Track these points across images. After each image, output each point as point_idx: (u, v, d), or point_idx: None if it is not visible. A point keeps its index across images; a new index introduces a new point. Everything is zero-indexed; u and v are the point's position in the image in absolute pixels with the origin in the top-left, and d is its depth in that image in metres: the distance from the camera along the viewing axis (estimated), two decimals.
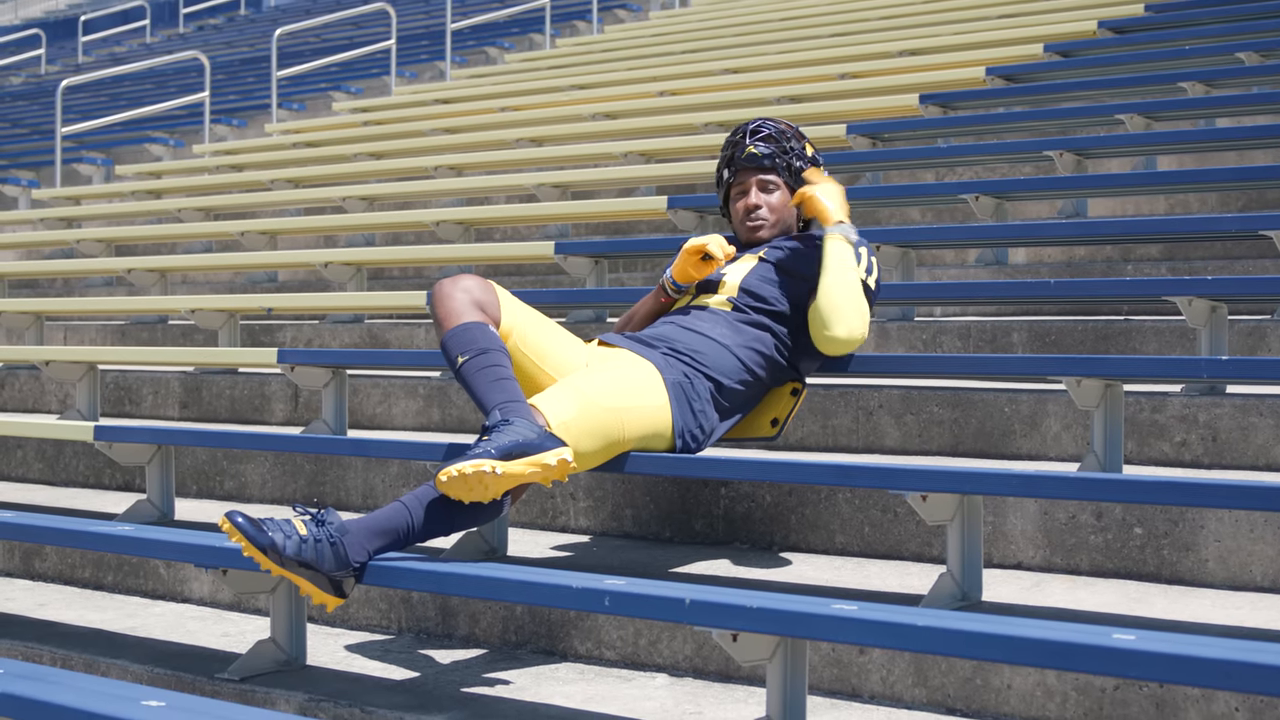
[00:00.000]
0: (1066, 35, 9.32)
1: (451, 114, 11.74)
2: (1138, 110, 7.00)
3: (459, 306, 3.71)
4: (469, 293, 3.74)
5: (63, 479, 6.11)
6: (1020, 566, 3.86)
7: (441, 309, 3.72)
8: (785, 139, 4.14)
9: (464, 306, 3.71)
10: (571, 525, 4.58)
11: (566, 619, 3.75)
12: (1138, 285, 5.13)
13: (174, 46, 21.65)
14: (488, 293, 3.78)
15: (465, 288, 3.75)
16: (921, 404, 4.69)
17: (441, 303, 3.73)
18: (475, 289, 3.76)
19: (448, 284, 3.76)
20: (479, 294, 3.76)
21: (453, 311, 3.71)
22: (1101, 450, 3.95)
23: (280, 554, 3.31)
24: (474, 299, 3.74)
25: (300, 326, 7.45)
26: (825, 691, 3.36)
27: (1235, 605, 3.45)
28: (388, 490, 4.97)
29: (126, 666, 3.85)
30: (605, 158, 8.96)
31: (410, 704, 3.37)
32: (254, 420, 6.41)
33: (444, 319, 3.71)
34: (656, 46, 13.00)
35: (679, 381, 3.78)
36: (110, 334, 8.35)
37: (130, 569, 4.74)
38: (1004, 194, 6.24)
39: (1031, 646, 2.57)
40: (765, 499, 4.22)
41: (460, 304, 3.72)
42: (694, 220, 6.87)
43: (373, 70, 15.54)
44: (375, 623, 4.10)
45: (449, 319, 3.70)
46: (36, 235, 10.27)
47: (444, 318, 3.71)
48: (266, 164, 11.25)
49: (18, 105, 18.83)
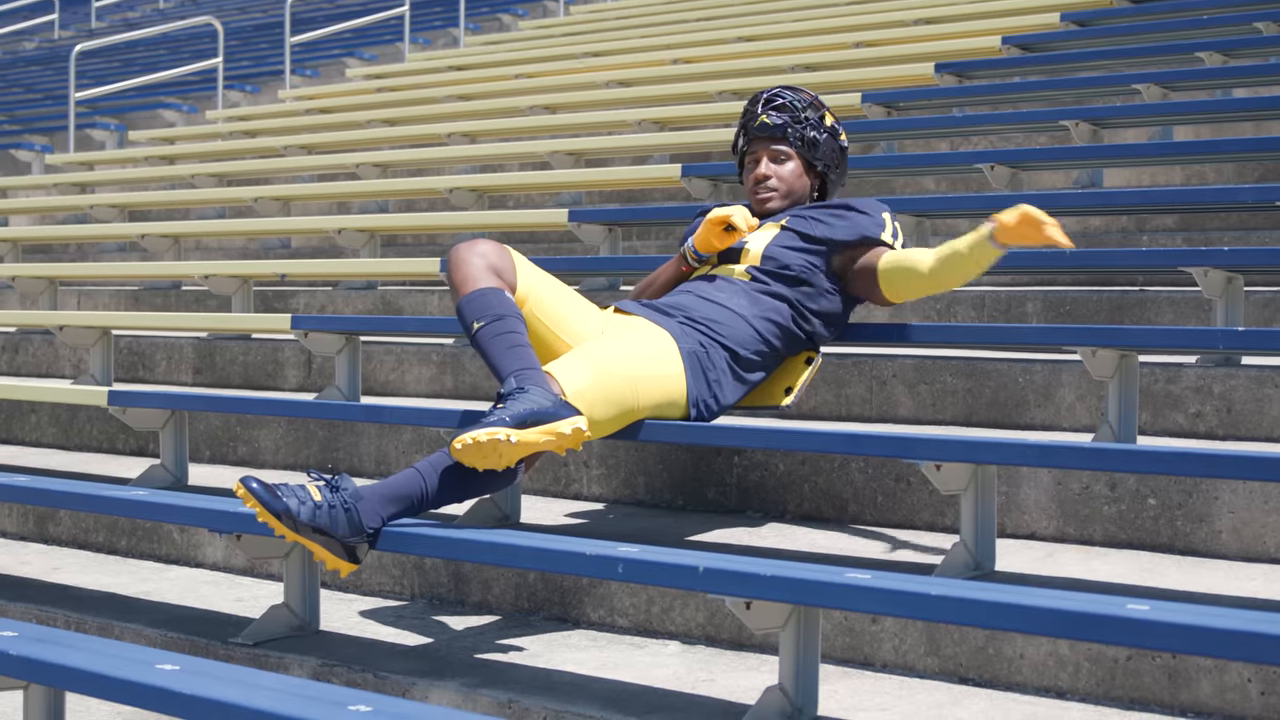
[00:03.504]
0: (1083, 4, 9.26)
1: (465, 81, 11.71)
2: (1154, 80, 6.96)
3: (475, 272, 3.70)
4: (485, 258, 3.73)
5: (76, 444, 6.12)
6: (1033, 537, 3.86)
7: (457, 274, 3.71)
8: (800, 108, 4.11)
9: (480, 272, 3.70)
10: (585, 493, 4.58)
11: (579, 586, 3.76)
12: (1153, 256, 5.12)
13: (188, 11, 21.57)
14: (504, 258, 3.77)
15: (481, 252, 3.74)
16: (935, 374, 4.68)
17: (457, 268, 3.72)
18: (491, 254, 3.75)
19: (464, 248, 3.75)
20: (495, 259, 3.75)
21: (469, 277, 3.69)
22: (1116, 421, 3.94)
23: (294, 520, 3.31)
24: (490, 264, 3.73)
25: (314, 293, 7.45)
26: (837, 660, 3.37)
27: (1249, 577, 3.45)
28: (401, 457, 4.97)
29: (140, 630, 3.87)
30: (619, 125, 8.94)
31: (423, 669, 3.39)
32: (267, 386, 6.42)
33: (459, 284, 3.70)
34: (671, 14, 12.94)
35: (694, 350, 3.77)
36: (124, 299, 8.36)
37: (144, 533, 4.75)
38: (1019, 164, 6.22)
39: (1044, 616, 2.57)
40: (778, 468, 4.22)
41: (476, 269, 3.70)
42: (708, 188, 6.85)
43: (386, 37, 15.49)
44: (388, 588, 4.11)
45: (465, 284, 3.69)
46: (50, 200, 10.27)
47: (460, 283, 3.70)
48: (280, 130, 11.23)
49: (31, 70, 18.80)
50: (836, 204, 4.04)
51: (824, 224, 3.98)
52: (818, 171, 4.14)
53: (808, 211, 4.05)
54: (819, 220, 4.00)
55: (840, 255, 3.98)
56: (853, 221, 3.97)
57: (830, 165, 4.14)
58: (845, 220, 3.98)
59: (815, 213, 4.03)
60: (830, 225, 3.97)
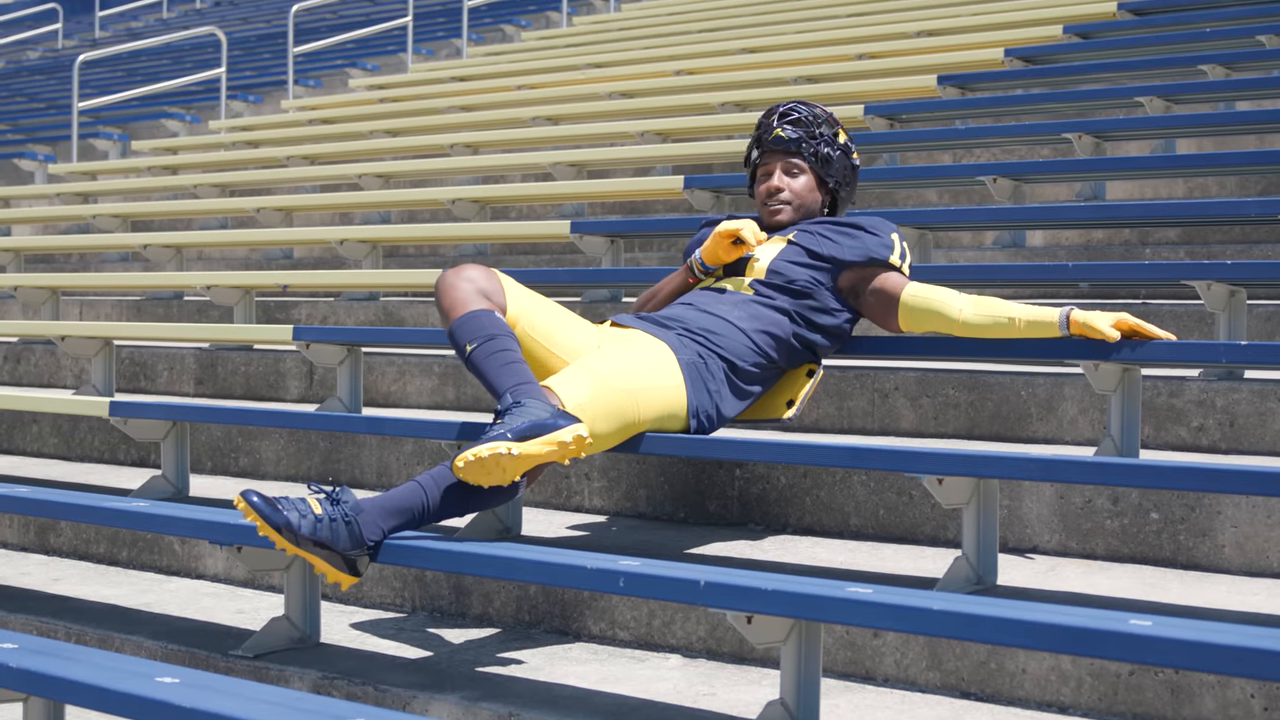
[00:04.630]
0: (1086, 17, 9.27)
1: (468, 92, 11.71)
2: (1157, 93, 6.96)
3: (464, 295, 3.70)
4: (473, 282, 3.73)
5: (78, 454, 6.12)
6: (1036, 551, 3.85)
7: (447, 299, 3.71)
8: (815, 124, 4.11)
9: (469, 295, 3.70)
10: (586, 505, 4.57)
11: (580, 599, 3.75)
12: (1156, 269, 5.11)
13: (191, 22, 21.61)
14: (492, 281, 3.77)
15: (469, 277, 3.74)
16: (937, 386, 4.68)
17: (446, 293, 3.72)
18: (479, 278, 3.75)
19: (451, 274, 3.75)
20: (484, 283, 3.75)
21: (458, 301, 3.69)
22: (1118, 435, 3.93)
23: (295, 533, 3.31)
24: (479, 288, 3.73)
25: (315, 304, 7.45)
26: (839, 674, 3.36)
27: (1252, 592, 3.44)
28: (402, 468, 4.97)
29: (141, 642, 3.86)
30: (621, 137, 8.94)
31: (423, 683, 3.38)
32: (269, 397, 6.41)
33: (449, 309, 3.70)
34: (674, 25, 12.96)
35: (693, 362, 3.77)
36: (126, 309, 8.36)
37: (145, 545, 4.75)
38: (1022, 176, 6.21)
39: (1047, 631, 2.56)
40: (780, 480, 4.21)
41: (465, 293, 3.70)
42: (710, 200, 6.85)
43: (389, 47, 15.52)
44: (389, 601, 4.11)
45: (455, 308, 3.69)
46: (53, 210, 10.28)
47: (450, 307, 3.70)
48: (283, 140, 11.24)
49: (35, 80, 18.83)
50: (845, 222, 4.04)
51: (832, 242, 3.97)
52: (829, 188, 4.14)
53: (816, 227, 4.04)
54: (826, 238, 3.99)
55: (846, 274, 3.97)
56: (861, 242, 3.97)
57: (841, 182, 4.14)
58: (854, 240, 3.97)
59: (823, 229, 4.02)
60: (838, 244, 3.97)
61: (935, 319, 3.88)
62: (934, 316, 3.88)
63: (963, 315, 3.83)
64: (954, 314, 3.84)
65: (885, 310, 3.95)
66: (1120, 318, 3.70)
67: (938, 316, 3.87)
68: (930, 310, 3.88)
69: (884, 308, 3.95)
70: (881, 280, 3.95)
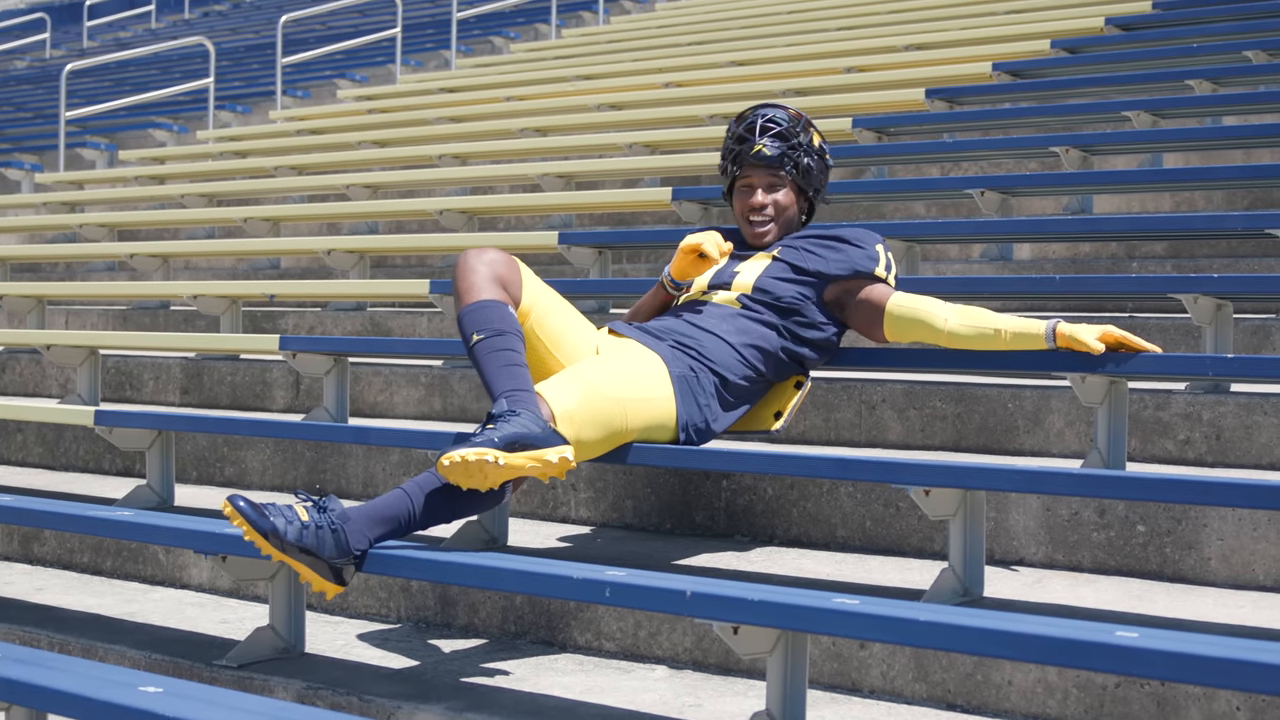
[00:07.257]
0: (1073, 31, 9.29)
1: (456, 103, 11.71)
2: (1144, 107, 6.98)
3: (480, 281, 3.68)
4: (492, 267, 3.71)
5: (62, 463, 6.10)
6: (1022, 563, 3.85)
7: (463, 282, 3.69)
8: (794, 134, 4.10)
9: (485, 281, 3.68)
10: (572, 516, 4.57)
11: (566, 610, 3.74)
12: (1143, 282, 5.12)
13: (179, 32, 21.61)
14: (512, 269, 3.75)
15: (489, 261, 3.72)
16: (924, 398, 4.68)
17: (464, 275, 3.70)
18: (500, 264, 3.73)
19: (472, 255, 3.73)
20: (502, 269, 3.73)
21: (474, 285, 3.67)
22: (1105, 447, 3.93)
23: (281, 539, 3.30)
24: (496, 274, 3.71)
25: (302, 314, 7.44)
26: (825, 685, 3.35)
27: (1238, 604, 3.44)
28: (388, 478, 4.96)
29: (124, 652, 3.84)
30: (610, 148, 8.95)
31: (408, 693, 3.37)
32: (255, 407, 6.40)
33: (464, 292, 3.68)
34: (662, 38, 12.97)
35: (684, 375, 3.77)
36: (112, 319, 8.34)
37: (129, 554, 4.73)
38: (1009, 189, 6.22)
39: (1033, 643, 2.56)
40: (767, 492, 4.21)
41: (482, 278, 3.68)
42: (698, 212, 6.85)
43: (378, 58, 15.51)
44: (374, 611, 4.10)
45: (468, 293, 3.67)
46: (39, 219, 10.25)
47: (464, 291, 3.68)
48: (270, 151, 11.22)
49: (22, 89, 18.80)
50: (830, 235, 4.03)
51: (817, 256, 3.97)
52: (808, 196, 4.14)
53: (799, 241, 4.03)
54: (811, 252, 3.98)
55: (832, 287, 3.97)
56: (845, 255, 3.96)
57: (819, 188, 4.14)
58: (838, 253, 3.97)
59: (808, 244, 4.01)
60: (823, 258, 3.96)
61: (920, 329, 3.88)
62: (919, 326, 3.88)
63: (948, 325, 3.83)
64: (939, 324, 3.84)
65: (870, 321, 3.95)
66: (1106, 330, 3.70)
67: (923, 326, 3.87)
68: (915, 320, 3.88)
69: (869, 318, 3.95)
70: (867, 291, 3.95)
